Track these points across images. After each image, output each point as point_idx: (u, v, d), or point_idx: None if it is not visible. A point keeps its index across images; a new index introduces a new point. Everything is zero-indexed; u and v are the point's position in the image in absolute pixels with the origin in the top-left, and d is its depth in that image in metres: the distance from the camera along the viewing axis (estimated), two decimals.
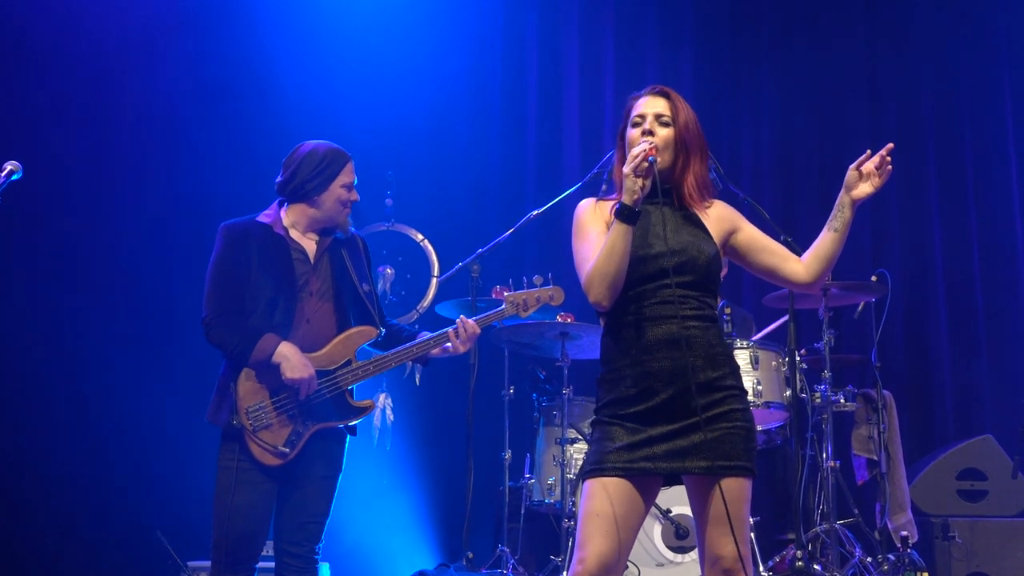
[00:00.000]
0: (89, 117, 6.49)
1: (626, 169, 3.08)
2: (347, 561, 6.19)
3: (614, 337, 3.18)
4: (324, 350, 4.04)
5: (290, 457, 3.96)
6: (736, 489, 3.05)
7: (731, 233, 3.28)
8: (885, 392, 5.91)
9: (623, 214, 3.06)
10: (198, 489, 4.19)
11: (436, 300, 6.39)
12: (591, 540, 3.02)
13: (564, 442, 5.43)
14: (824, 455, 5.62)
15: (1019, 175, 7.47)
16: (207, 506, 4.17)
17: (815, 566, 5.17)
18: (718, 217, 3.28)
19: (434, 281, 6.69)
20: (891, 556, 5.43)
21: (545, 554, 5.65)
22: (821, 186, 7.37)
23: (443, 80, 7.12)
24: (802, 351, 5.79)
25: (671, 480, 3.17)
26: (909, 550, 5.45)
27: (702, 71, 7.44)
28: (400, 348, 4.13)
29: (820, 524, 5.55)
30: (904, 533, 5.56)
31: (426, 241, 6.79)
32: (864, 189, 3.19)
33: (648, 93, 3.29)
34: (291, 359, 3.92)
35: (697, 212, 3.25)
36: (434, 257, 6.78)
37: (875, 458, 5.83)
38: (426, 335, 4.18)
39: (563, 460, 5.41)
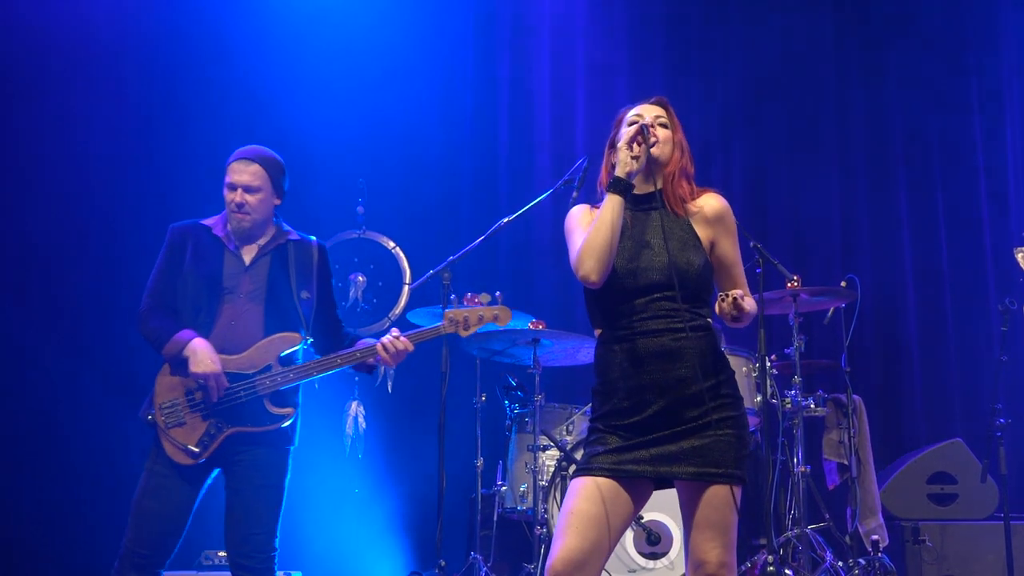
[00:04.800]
0: (40, 117, 6.44)
1: (620, 143, 3.15)
2: (319, 569, 6.16)
3: (608, 349, 3.19)
4: (244, 353, 4.02)
5: (201, 457, 3.94)
6: (723, 496, 3.07)
7: (713, 243, 3.28)
8: (855, 397, 5.93)
9: (616, 186, 3.12)
10: None
11: (408, 307, 6.38)
12: (562, 536, 3.04)
13: (536, 449, 5.43)
14: (795, 460, 5.64)
15: (987, 179, 7.52)
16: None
17: (786, 571, 5.18)
18: (706, 221, 3.27)
19: (405, 288, 6.68)
20: (862, 560, 5.46)
21: (518, 561, 5.65)
22: (790, 192, 7.41)
23: (415, 88, 7.12)
24: (772, 357, 5.81)
25: (661, 485, 3.18)
26: (880, 554, 5.48)
27: (673, 82, 7.45)
28: (325, 358, 4.10)
29: (791, 529, 5.56)
30: (875, 537, 5.59)
31: (398, 248, 6.77)
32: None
33: (645, 101, 3.35)
34: (198, 354, 3.92)
35: (687, 216, 3.26)
36: (405, 264, 6.77)
37: (846, 463, 5.86)
38: (367, 342, 4.14)
39: (535, 467, 5.41)
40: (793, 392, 5.67)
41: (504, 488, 5.73)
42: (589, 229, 3.13)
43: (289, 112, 6.77)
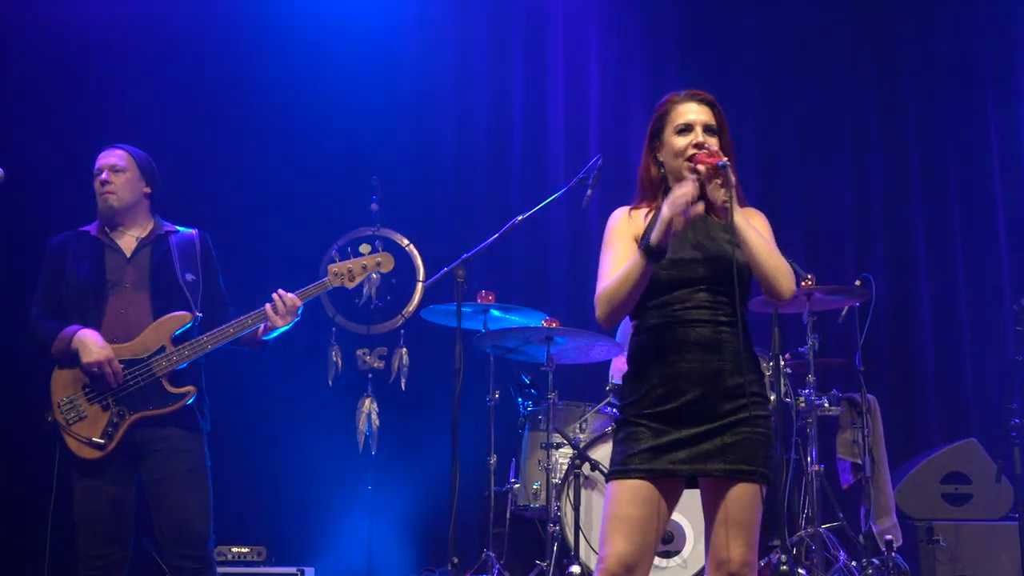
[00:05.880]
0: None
1: (665, 212, 3.02)
2: (332, 566, 6.18)
3: (646, 336, 3.20)
4: (136, 339, 4.05)
5: (108, 449, 3.97)
6: (751, 494, 3.07)
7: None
8: (869, 396, 5.91)
9: (648, 252, 3.05)
10: None
11: (422, 305, 6.38)
12: (611, 542, 3.05)
13: (549, 447, 5.42)
14: (809, 459, 5.63)
15: (1002, 178, 7.48)
16: None
17: (800, 570, 5.17)
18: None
19: (419, 286, 6.69)
20: (875, 560, 5.44)
21: (530, 559, 5.65)
22: (804, 190, 7.39)
23: (428, 85, 7.11)
24: (786, 355, 5.79)
25: (693, 482, 3.18)
26: (894, 554, 5.46)
27: (686, 78, 7.43)
28: (216, 330, 4.11)
29: (805, 528, 5.55)
30: (889, 537, 5.57)
31: (411, 246, 6.78)
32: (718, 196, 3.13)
33: (693, 99, 3.27)
34: (86, 343, 3.96)
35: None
36: (419, 262, 6.78)
37: (859, 462, 5.84)
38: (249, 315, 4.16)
39: (548, 465, 5.40)
40: (807, 391, 5.66)
41: (517, 485, 5.73)
42: (615, 276, 3.12)
43: (303, 110, 6.78)
